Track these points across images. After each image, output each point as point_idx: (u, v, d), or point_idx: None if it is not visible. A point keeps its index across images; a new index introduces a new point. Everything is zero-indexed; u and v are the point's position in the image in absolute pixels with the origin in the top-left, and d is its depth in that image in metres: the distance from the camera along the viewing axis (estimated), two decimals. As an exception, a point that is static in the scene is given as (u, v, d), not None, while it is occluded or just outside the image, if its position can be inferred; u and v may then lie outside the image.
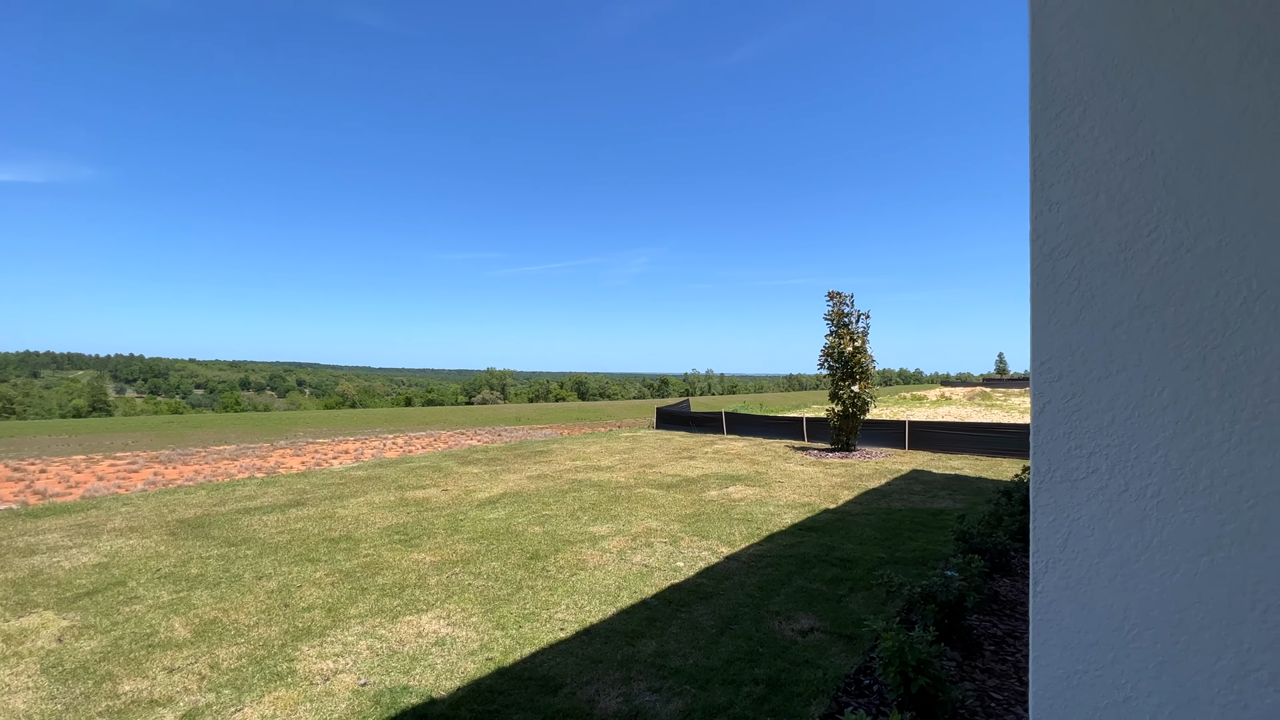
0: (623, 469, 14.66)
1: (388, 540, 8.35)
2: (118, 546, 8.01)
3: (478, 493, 11.71)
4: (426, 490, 12.02)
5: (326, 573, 6.96)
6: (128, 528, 9.03)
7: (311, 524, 9.21)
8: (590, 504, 10.66)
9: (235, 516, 9.73)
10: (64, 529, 9.01)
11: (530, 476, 13.60)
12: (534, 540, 8.36)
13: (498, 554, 7.73)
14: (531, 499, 11.08)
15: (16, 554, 7.71)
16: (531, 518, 9.63)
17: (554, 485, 12.49)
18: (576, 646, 5.13)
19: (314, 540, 8.32)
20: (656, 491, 11.80)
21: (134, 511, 10.20)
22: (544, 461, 16.02)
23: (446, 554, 7.73)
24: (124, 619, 5.66)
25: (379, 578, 6.81)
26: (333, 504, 10.68)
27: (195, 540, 8.34)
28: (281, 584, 6.58)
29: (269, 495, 11.57)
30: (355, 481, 13.05)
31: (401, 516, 9.73)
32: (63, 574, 6.93)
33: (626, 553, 7.80)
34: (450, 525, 9.15)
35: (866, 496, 11.41)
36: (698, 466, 15.00)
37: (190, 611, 5.83)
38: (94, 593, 6.33)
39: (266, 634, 5.36)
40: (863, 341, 17.30)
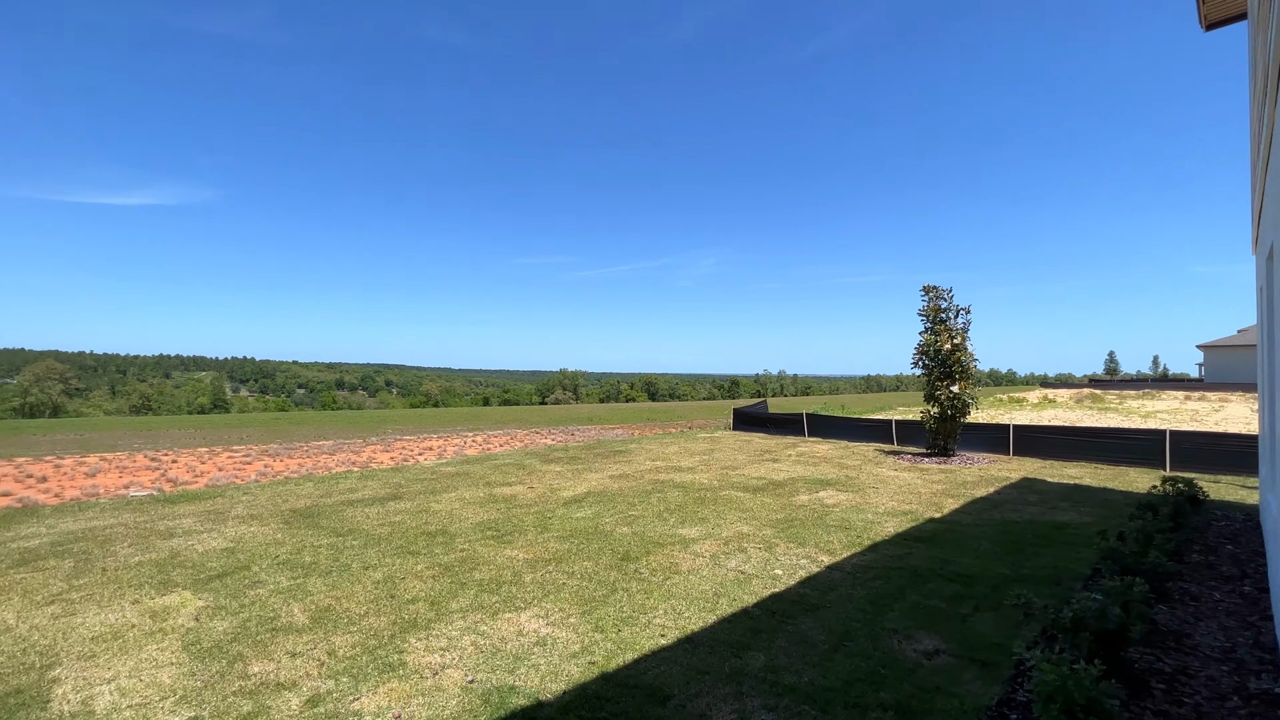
0: (704, 470, 14.34)
1: (481, 536, 8.49)
2: (241, 533, 8.61)
3: (562, 491, 11.78)
4: (513, 487, 12.23)
5: (426, 565, 7.12)
6: (249, 515, 9.73)
7: (409, 517, 9.55)
8: (676, 505, 10.43)
9: (340, 508, 10.27)
10: (196, 515, 9.83)
11: (612, 476, 13.56)
12: (623, 541, 8.23)
13: (588, 554, 7.66)
14: (616, 499, 11.00)
15: (158, 536, 8.46)
16: (618, 518, 9.53)
17: (636, 485, 12.38)
18: (680, 655, 4.90)
19: (412, 533, 8.59)
20: (743, 494, 11.41)
21: (253, 501, 11.00)
22: (624, 461, 15.97)
23: (538, 551, 7.74)
24: (250, 602, 6.00)
25: (476, 573, 6.89)
26: (427, 498, 11.07)
27: (307, 529, 8.83)
28: (386, 575, 6.79)
29: (369, 489, 12.17)
30: (445, 477, 13.51)
31: (492, 513, 9.91)
32: (197, 557, 7.50)
33: (720, 557, 7.50)
34: (539, 523, 9.21)
35: (975, 506, 10.49)
36: (783, 469, 14.43)
37: (307, 598, 6.10)
38: (223, 575, 6.79)
39: (376, 624, 5.50)
40: (962, 339, 16.06)
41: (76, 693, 4.36)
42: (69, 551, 7.78)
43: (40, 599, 6.16)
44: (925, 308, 16.75)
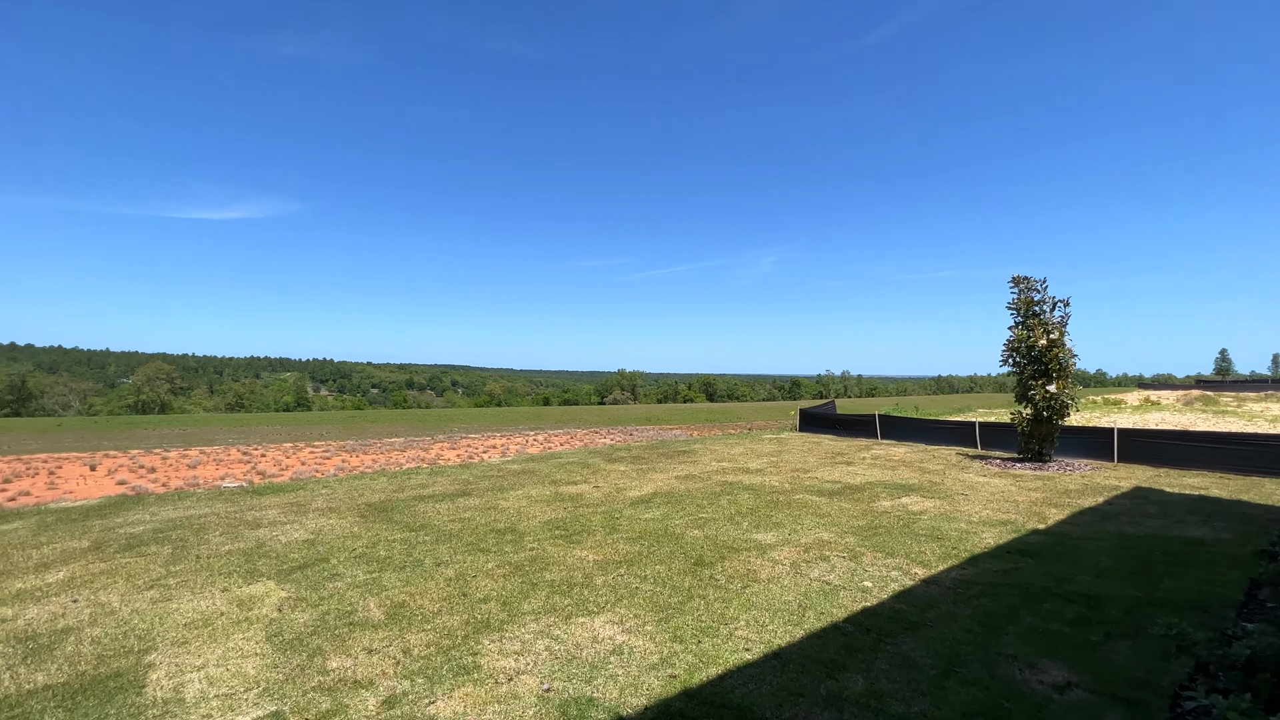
0: (774, 472, 13.75)
1: (549, 535, 8.34)
2: (321, 525, 8.85)
3: (629, 491, 11.53)
4: (578, 486, 12.10)
5: (497, 564, 7.01)
6: (327, 508, 10.03)
7: (478, 514, 9.56)
8: (748, 509, 9.96)
9: (412, 503, 10.43)
10: (280, 506, 10.23)
11: (678, 477, 13.21)
12: (695, 544, 7.86)
13: (660, 557, 7.34)
14: (684, 500, 10.64)
15: (246, 526, 8.81)
16: (688, 520, 9.17)
17: (704, 487, 11.97)
18: (769, 673, 4.49)
19: (482, 530, 8.55)
20: (818, 499, 10.78)
21: (331, 494, 11.38)
22: (689, 462, 15.59)
23: (608, 553, 7.49)
24: (329, 595, 6.05)
25: (546, 573, 6.71)
26: (494, 496, 11.10)
27: (381, 523, 8.98)
28: (458, 572, 6.72)
29: (439, 485, 12.36)
30: (512, 475, 13.57)
31: (559, 511, 9.78)
32: (280, 547, 7.72)
33: (801, 566, 7.00)
34: (607, 523, 8.98)
35: (1084, 518, 9.44)
36: (858, 473, 13.63)
37: (382, 593, 6.10)
38: (304, 567, 6.92)
39: (449, 623, 5.39)
40: (1060, 333, 14.67)
41: (169, 679, 4.45)
42: (168, 538, 8.21)
43: (141, 583, 6.45)
44: (1015, 300, 15.44)
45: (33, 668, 4.63)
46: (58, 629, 5.33)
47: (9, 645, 5.01)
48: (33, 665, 4.67)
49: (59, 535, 8.51)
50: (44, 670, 4.59)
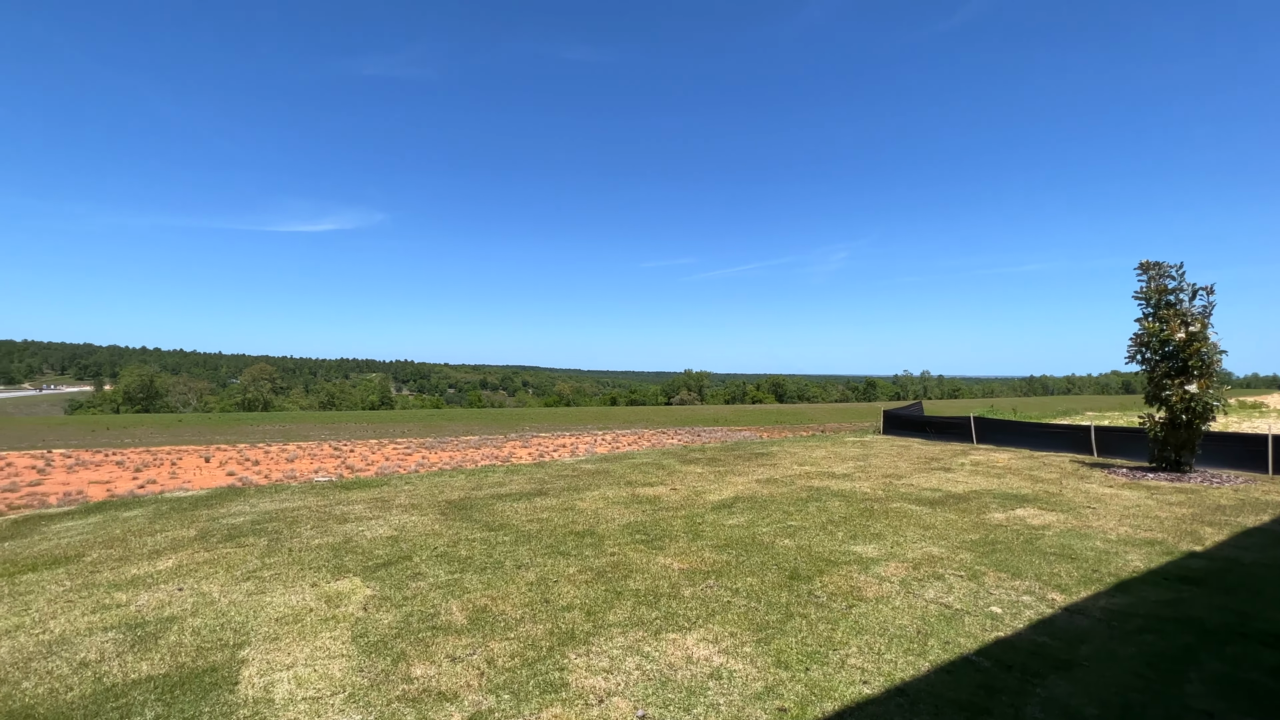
0: (863, 478, 12.78)
1: (630, 539, 7.97)
2: (404, 522, 8.91)
3: (708, 494, 11.01)
4: (655, 488, 11.70)
5: (578, 569, 6.70)
6: (410, 505, 10.14)
7: (556, 515, 9.34)
8: (840, 517, 9.19)
9: (491, 501, 10.38)
10: (366, 502, 10.46)
11: (759, 480, 12.54)
12: (787, 555, 7.24)
13: (750, 568, 6.78)
14: (769, 505, 9.99)
15: (335, 521, 9.01)
16: (776, 528, 8.54)
17: (788, 492, 11.24)
18: (895, 713, 3.86)
19: (560, 532, 8.30)
20: (918, 508, 9.83)
21: (413, 490, 11.57)
22: (768, 465, 14.84)
23: (694, 561, 7.01)
24: (412, 595, 5.93)
25: (630, 581, 6.32)
26: (571, 496, 10.88)
27: (461, 521, 8.93)
28: (539, 576, 6.46)
29: (515, 483, 12.32)
30: (587, 475, 13.37)
31: (637, 514, 9.40)
32: (366, 543, 7.78)
33: (912, 585, 6.24)
34: (689, 528, 8.50)
35: (1252, 540, 8.02)
36: (959, 480, 12.43)
37: (464, 595, 5.91)
38: (388, 564, 6.89)
39: (533, 632, 5.09)
40: (1202, 325, 12.80)
41: (260, 676, 4.38)
42: (264, 530, 8.50)
43: (239, 574, 6.61)
44: (1144, 289, 13.64)
45: (138, 656, 4.72)
46: (163, 617, 5.48)
47: (120, 632, 5.16)
48: (139, 654, 4.76)
49: (171, 524, 9.02)
50: (148, 659, 4.66)
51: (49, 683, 4.33)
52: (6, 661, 4.70)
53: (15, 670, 4.54)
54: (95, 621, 5.41)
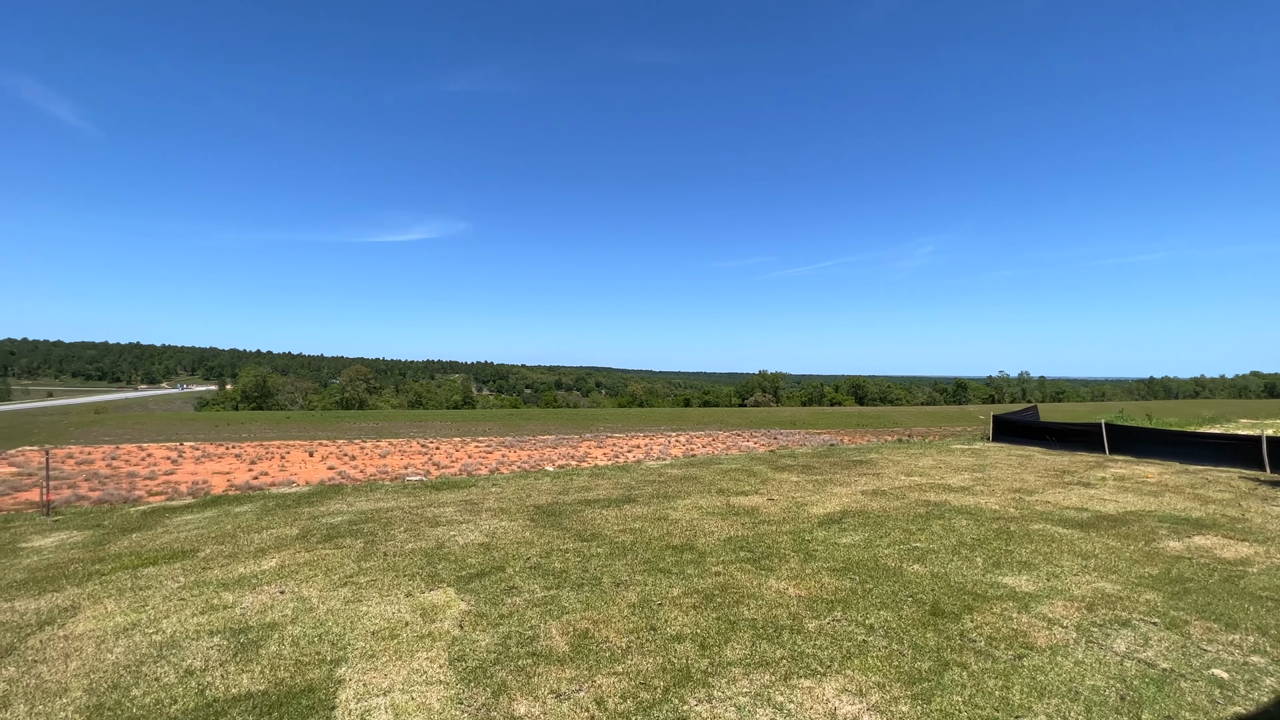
0: (985, 492, 11.36)
1: (733, 556, 7.25)
2: (494, 528, 8.64)
3: (811, 507, 10.07)
4: (750, 497, 10.89)
5: (683, 591, 6.06)
6: (499, 509, 9.92)
7: (649, 525, 8.77)
8: (973, 539, 8.02)
9: (579, 508, 9.98)
10: (455, 503, 10.36)
11: (864, 492, 11.42)
12: (921, 584, 6.27)
13: (881, 598, 5.88)
14: (884, 522, 8.94)
15: (427, 524, 8.89)
16: (899, 550, 7.53)
17: (902, 506, 10.10)
18: (1132, 822, 2.93)
19: (657, 546, 7.71)
20: (1066, 531, 8.45)
21: (501, 493, 11.39)
22: (870, 474, 13.61)
23: (811, 587, 6.19)
24: (508, 612, 5.51)
25: (743, 608, 5.61)
26: (661, 504, 10.29)
27: (551, 529, 8.54)
28: (641, 597, 5.88)
29: (602, 488, 11.90)
30: (674, 481, 12.75)
31: (737, 527, 8.65)
32: (458, 550, 7.53)
33: (1092, 632, 5.13)
34: (798, 546, 7.66)
35: None
36: (1107, 499, 10.74)
37: (563, 616, 5.43)
38: (481, 575, 6.55)
39: (643, 666, 4.50)
40: None
41: (357, 702, 4.06)
42: (360, 531, 8.48)
43: (337, 578, 6.49)
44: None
45: (240, 666, 4.56)
46: (265, 623, 5.36)
47: (225, 637, 5.06)
48: (240, 664, 4.60)
49: (275, 521, 9.24)
50: (249, 672, 4.48)
51: (156, 693, 4.21)
52: (121, 663, 4.67)
53: (127, 675, 4.48)
54: (203, 624, 5.37)
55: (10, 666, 4.70)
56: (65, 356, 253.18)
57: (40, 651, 4.93)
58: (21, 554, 8.21)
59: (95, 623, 5.52)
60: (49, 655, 4.86)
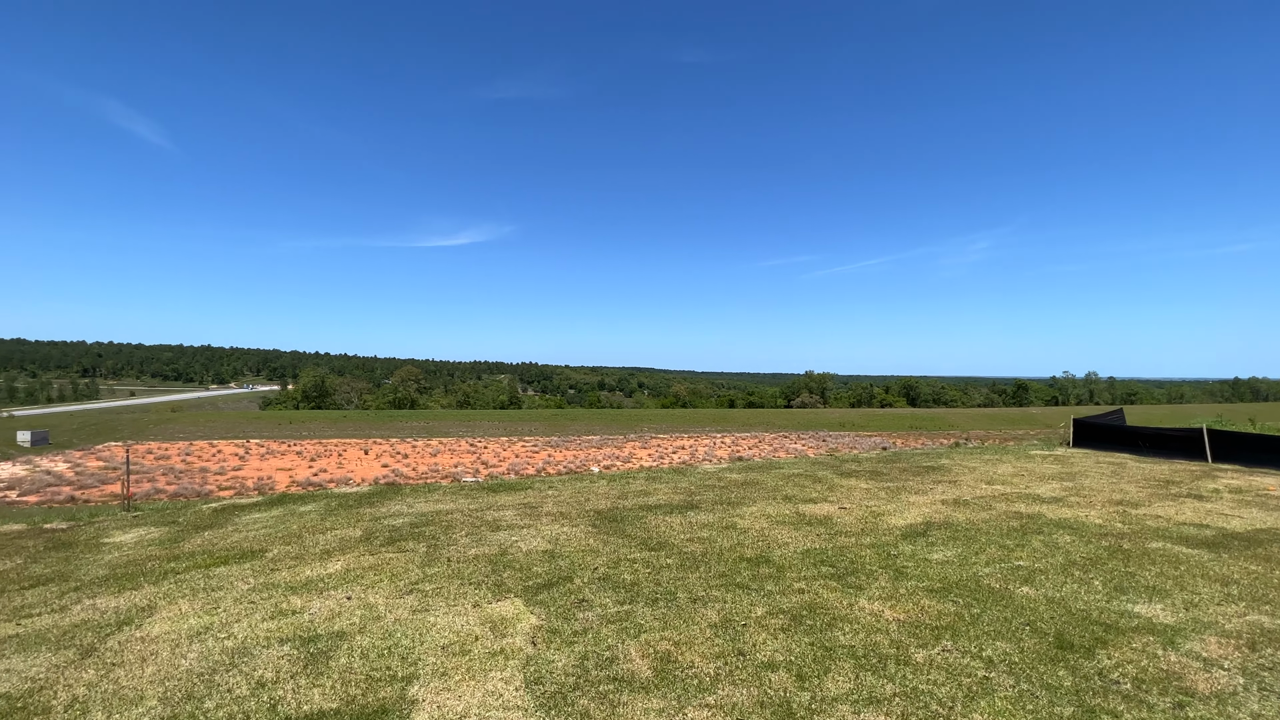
0: (1082, 504, 10.36)
1: (814, 571, 6.70)
2: (557, 534, 8.35)
3: (888, 517, 9.38)
4: (819, 505, 10.27)
5: (766, 610, 5.58)
6: (559, 513, 9.64)
7: (718, 534, 8.30)
8: (1083, 558, 7.21)
9: (640, 514, 9.60)
10: (514, 507, 10.15)
11: (944, 501, 10.61)
12: (1037, 611, 5.58)
13: (993, 626, 5.24)
14: (975, 537, 8.19)
15: (488, 528, 8.69)
16: (1001, 569, 6.81)
17: (990, 518, 9.28)
18: None
19: (730, 557, 7.24)
20: (1193, 552, 7.51)
21: (559, 496, 11.14)
22: (945, 481, 12.71)
23: (910, 610, 5.60)
24: (582, 629, 5.16)
25: (838, 633, 5.09)
26: (727, 511, 9.80)
27: (615, 536, 8.19)
28: (722, 616, 5.43)
29: (661, 493, 11.49)
30: (735, 486, 12.21)
31: (812, 539, 8.08)
32: (522, 557, 7.25)
33: (1263, 676, 4.37)
34: (885, 562, 7.04)
35: None
36: (1228, 514, 9.61)
37: (641, 635, 5.04)
38: (549, 585, 6.24)
39: (736, 699, 4.06)
40: None
41: (432, 726, 3.77)
42: (422, 535, 8.34)
43: (402, 585, 6.31)
44: None
45: (311, 680, 4.36)
46: (334, 631, 5.18)
47: (295, 646, 4.90)
48: (311, 677, 4.40)
49: (339, 521, 9.23)
50: (320, 686, 4.27)
51: (228, 706, 4.04)
52: (194, 670, 4.56)
53: (201, 684, 4.35)
54: (273, 630, 5.24)
55: (90, 669, 4.66)
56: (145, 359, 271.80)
57: (118, 654, 4.89)
58: (104, 549, 8.45)
59: (170, 624, 5.48)
60: (126, 658, 4.80)
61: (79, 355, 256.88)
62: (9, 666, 4.76)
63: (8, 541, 9.14)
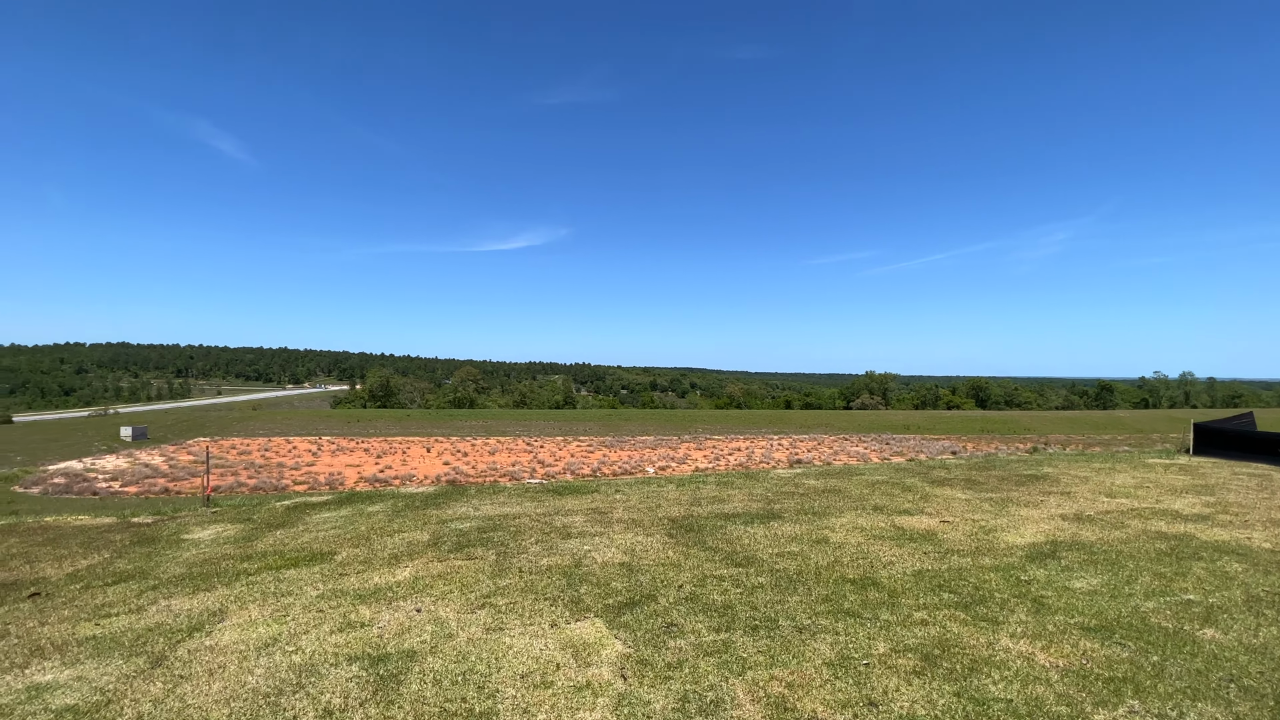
0: (1235, 523, 8.88)
1: (934, 598, 5.80)
2: (631, 543, 7.75)
3: (1002, 533, 8.28)
4: (916, 518, 9.24)
5: (889, 646, 4.76)
6: (630, 520, 9.06)
7: (809, 549, 7.48)
8: (1268, 593, 5.97)
9: (718, 523, 8.88)
10: (583, 512, 9.65)
11: (1064, 516, 9.34)
12: (1236, 661, 4.51)
13: (1185, 680, 4.23)
14: (1117, 561, 7.02)
15: (558, 535, 8.19)
16: (1167, 604, 5.69)
17: (1126, 538, 8.03)
18: None
19: (829, 577, 6.42)
20: None
21: (627, 501, 10.57)
22: (1055, 492, 11.33)
23: (1067, 653, 4.65)
24: (675, 662, 4.51)
25: (984, 680, 4.22)
26: (813, 522, 8.94)
27: (695, 548, 7.51)
28: (838, 652, 4.65)
29: (735, 500, 10.72)
30: (816, 494, 11.29)
31: (919, 557, 7.14)
32: (598, 569, 6.69)
33: None
34: (1017, 590, 6.05)
35: None
36: None
37: (745, 672, 4.34)
38: (632, 605, 5.63)
39: (879, 765, 3.30)
40: None
41: (517, 780, 3.21)
42: (490, 541, 7.94)
43: (474, 598, 5.86)
44: None
45: (381, 710, 3.90)
46: (404, 649, 4.75)
47: (364, 666, 4.49)
48: (381, 705, 3.95)
49: (406, 524, 8.98)
50: (390, 718, 3.81)
51: (293, 738, 3.63)
52: (260, 689, 4.20)
53: (266, 707, 3.98)
54: (341, 645, 4.86)
55: (158, 680, 4.40)
56: (230, 360, 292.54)
57: (187, 665, 4.62)
58: (183, 546, 8.50)
59: (239, 632, 5.22)
60: (194, 670, 4.52)
61: (174, 357, 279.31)
62: (82, 674, 4.57)
63: (99, 535, 9.39)
